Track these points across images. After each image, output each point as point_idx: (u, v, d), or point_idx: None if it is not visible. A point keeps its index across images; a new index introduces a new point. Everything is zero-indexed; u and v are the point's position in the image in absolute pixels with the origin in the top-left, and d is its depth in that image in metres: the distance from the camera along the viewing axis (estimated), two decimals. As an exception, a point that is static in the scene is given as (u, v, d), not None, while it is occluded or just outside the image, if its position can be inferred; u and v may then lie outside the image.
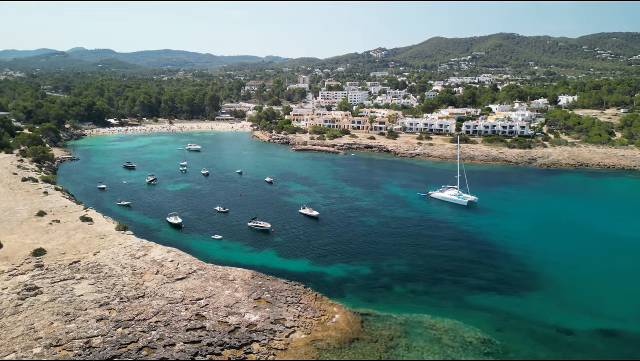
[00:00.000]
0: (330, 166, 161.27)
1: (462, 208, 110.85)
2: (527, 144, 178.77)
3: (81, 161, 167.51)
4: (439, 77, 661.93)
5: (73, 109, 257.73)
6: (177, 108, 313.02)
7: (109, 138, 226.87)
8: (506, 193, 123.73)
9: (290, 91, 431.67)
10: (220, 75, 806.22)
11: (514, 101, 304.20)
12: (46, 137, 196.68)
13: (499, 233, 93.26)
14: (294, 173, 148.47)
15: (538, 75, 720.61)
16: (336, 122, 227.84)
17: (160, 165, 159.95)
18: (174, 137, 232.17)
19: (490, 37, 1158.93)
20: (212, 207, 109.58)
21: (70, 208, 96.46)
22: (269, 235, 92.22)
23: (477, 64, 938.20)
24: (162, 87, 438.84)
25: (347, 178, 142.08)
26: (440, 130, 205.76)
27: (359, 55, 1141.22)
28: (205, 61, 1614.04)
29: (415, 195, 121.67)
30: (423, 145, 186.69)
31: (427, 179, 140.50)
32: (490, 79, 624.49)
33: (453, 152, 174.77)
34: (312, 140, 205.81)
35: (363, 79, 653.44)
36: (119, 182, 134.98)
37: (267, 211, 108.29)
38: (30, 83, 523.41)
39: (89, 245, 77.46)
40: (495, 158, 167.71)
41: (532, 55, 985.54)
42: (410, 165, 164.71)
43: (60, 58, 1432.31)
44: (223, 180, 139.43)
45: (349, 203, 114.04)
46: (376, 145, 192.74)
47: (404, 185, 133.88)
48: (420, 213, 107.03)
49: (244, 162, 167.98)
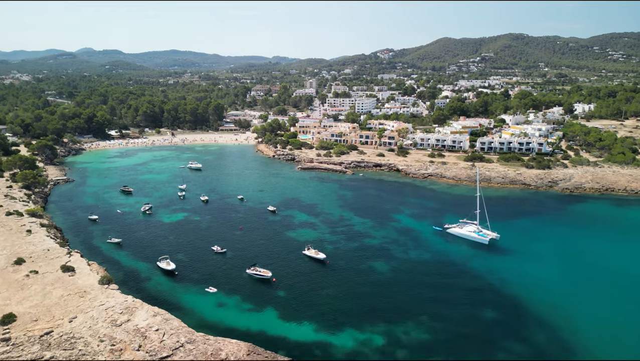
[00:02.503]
0: (337, 189, 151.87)
1: (482, 247, 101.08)
2: (546, 164, 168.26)
3: (76, 183, 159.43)
4: (447, 80, 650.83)
5: (73, 121, 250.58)
6: (181, 119, 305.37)
7: (108, 153, 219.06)
8: (529, 228, 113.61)
9: (296, 98, 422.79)
10: (227, 78, 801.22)
11: (528, 111, 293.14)
12: (42, 154, 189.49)
13: (527, 285, 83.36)
14: (298, 200, 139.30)
15: (549, 77, 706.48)
16: (343, 136, 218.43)
17: (158, 189, 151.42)
18: (175, 152, 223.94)
19: (499, 37, 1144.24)
20: (210, 245, 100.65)
21: (53, 253, 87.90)
22: (270, 285, 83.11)
23: (486, 65, 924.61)
24: (167, 94, 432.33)
25: (355, 206, 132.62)
26: (453, 147, 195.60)
27: (366, 56, 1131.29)
28: (212, 62, 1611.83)
29: (429, 230, 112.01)
30: (435, 164, 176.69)
31: (441, 207, 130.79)
32: (501, 82, 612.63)
33: (468, 173, 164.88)
34: (318, 156, 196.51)
35: (370, 82, 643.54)
36: (113, 211, 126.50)
37: (269, 250, 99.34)
38: (35, 88, 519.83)
39: (66, 307, 68.77)
40: (513, 180, 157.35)
41: (542, 57, 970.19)
42: (422, 188, 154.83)
43: (68, 59, 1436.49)
44: (223, 208, 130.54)
45: (358, 241, 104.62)
46: (386, 164, 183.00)
47: (417, 215, 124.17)
48: (437, 255, 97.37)
49: (247, 184, 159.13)
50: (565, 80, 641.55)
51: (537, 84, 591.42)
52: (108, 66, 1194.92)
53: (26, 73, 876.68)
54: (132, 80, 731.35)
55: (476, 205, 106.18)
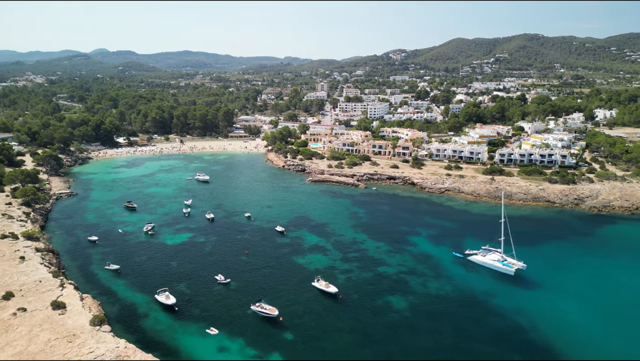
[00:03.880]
0: (349, 206, 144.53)
1: (508, 279, 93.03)
2: (570, 178, 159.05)
3: (79, 197, 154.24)
4: (461, 82, 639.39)
5: (80, 129, 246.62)
6: (190, 125, 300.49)
7: (115, 162, 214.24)
8: (557, 255, 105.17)
9: (307, 102, 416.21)
10: (238, 80, 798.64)
11: (547, 118, 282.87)
12: (47, 165, 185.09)
13: (559, 329, 75.30)
14: (308, 218, 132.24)
15: (565, 79, 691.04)
16: (356, 145, 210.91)
17: (163, 205, 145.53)
18: (183, 161, 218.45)
19: (513, 38, 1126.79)
20: (213, 274, 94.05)
21: (45, 285, 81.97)
22: (277, 325, 76.14)
23: (500, 66, 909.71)
24: (177, 98, 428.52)
25: (368, 226, 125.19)
26: (471, 158, 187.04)
27: (378, 57, 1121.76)
28: (224, 62, 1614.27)
29: (449, 257, 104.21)
30: (452, 178, 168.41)
31: (460, 229, 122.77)
32: (516, 84, 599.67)
33: (487, 188, 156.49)
34: (329, 168, 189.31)
35: (382, 84, 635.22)
36: (114, 231, 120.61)
37: (276, 279, 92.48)
38: (47, 92, 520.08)
39: (52, 355, 62.55)
40: (536, 197, 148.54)
41: (558, 57, 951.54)
42: (439, 205, 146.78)
43: (83, 60, 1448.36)
44: (229, 228, 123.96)
45: (373, 270, 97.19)
46: (400, 176, 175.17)
47: (435, 238, 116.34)
48: (459, 288, 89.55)
49: (255, 199, 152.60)
50: (582, 82, 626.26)
51: (554, 86, 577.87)
52: (121, 67, 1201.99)
53: (40, 74, 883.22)
54: (144, 83, 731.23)
55: (500, 231, 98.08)
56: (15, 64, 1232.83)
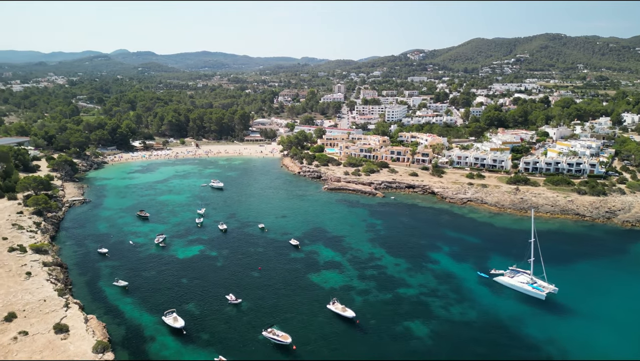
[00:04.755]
0: (366, 217, 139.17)
1: (538, 304, 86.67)
2: (600, 189, 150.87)
3: (92, 204, 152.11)
4: (481, 83, 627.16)
5: (97, 133, 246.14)
6: (206, 128, 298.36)
7: (130, 167, 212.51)
8: (590, 276, 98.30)
9: (324, 104, 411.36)
10: (255, 81, 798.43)
11: (572, 122, 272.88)
12: (62, 170, 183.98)
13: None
14: (323, 230, 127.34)
15: (589, 80, 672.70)
16: (373, 152, 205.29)
17: (176, 213, 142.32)
18: (198, 166, 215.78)
19: (534, 38, 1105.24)
20: (224, 292, 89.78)
21: (49, 305, 78.74)
22: (289, 353, 71.45)
23: (521, 67, 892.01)
24: (194, 100, 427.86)
25: (387, 240, 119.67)
26: (494, 166, 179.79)
27: (395, 57, 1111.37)
28: (242, 63, 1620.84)
29: (473, 276, 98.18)
30: (475, 187, 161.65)
31: (484, 244, 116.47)
32: (537, 86, 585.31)
33: (512, 199, 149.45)
34: (346, 175, 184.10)
35: (400, 85, 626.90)
36: (125, 242, 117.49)
37: (289, 300, 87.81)
38: (67, 93, 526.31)
39: (51, 388, 59.03)
40: (564, 209, 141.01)
41: (581, 58, 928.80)
42: (460, 217, 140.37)
43: (103, 61, 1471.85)
44: (242, 240, 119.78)
45: (392, 290, 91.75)
46: (419, 185, 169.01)
47: (457, 254, 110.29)
48: (485, 313, 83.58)
49: (269, 208, 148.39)
50: (606, 84, 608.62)
51: (578, 88, 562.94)
52: (140, 68, 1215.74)
53: (62, 75, 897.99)
54: (162, 84, 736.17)
55: (529, 251, 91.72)
56: (39, 65, 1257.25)
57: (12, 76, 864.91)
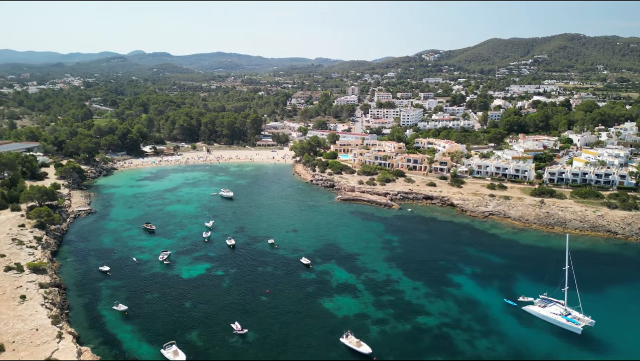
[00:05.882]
0: (382, 232, 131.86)
1: (573, 339, 78.63)
2: (632, 203, 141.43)
3: (98, 215, 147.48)
4: (498, 85, 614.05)
5: (107, 138, 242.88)
6: (218, 132, 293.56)
7: (139, 174, 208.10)
8: (629, 304, 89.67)
9: (337, 107, 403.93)
10: (268, 83, 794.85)
11: (596, 128, 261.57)
12: (69, 178, 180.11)
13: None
14: (336, 246, 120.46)
15: (610, 82, 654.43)
16: (388, 159, 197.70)
17: (183, 226, 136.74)
18: (208, 173, 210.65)
19: (552, 38, 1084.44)
20: (230, 319, 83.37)
21: (41, 336, 73.16)
22: (299, 396, 64.79)
23: (539, 68, 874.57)
24: (207, 103, 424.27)
25: (404, 259, 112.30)
26: (517, 176, 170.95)
27: (410, 58, 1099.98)
28: (256, 64, 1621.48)
29: (499, 303, 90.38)
30: (497, 199, 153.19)
31: (510, 265, 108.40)
32: (557, 88, 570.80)
33: (537, 213, 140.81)
34: (360, 184, 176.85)
35: (415, 87, 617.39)
36: (128, 259, 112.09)
37: (299, 330, 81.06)
38: (81, 95, 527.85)
39: None
40: (594, 225, 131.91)
41: (601, 59, 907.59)
42: (482, 233, 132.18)
43: (120, 62, 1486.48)
44: (251, 258, 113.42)
45: (411, 320, 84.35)
46: (438, 196, 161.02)
47: (481, 277, 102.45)
48: (514, 349, 75.74)
49: (280, 221, 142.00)
50: (628, 85, 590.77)
51: (599, 90, 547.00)
52: (156, 69, 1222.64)
53: (78, 76, 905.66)
54: (176, 85, 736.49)
55: (564, 279, 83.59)
56: (56, 66, 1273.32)
57: (29, 77, 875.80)
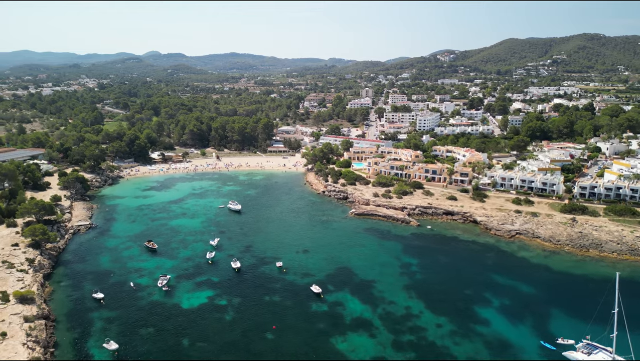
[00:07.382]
0: (400, 254, 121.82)
1: (624, 396, 68.19)
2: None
3: (99, 230, 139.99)
4: (515, 86, 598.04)
5: (114, 145, 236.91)
6: (228, 137, 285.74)
7: (145, 183, 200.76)
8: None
9: (351, 110, 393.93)
10: (281, 84, 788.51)
11: (624, 135, 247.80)
12: (72, 188, 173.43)
13: None
14: (350, 271, 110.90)
15: (632, 83, 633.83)
16: (405, 169, 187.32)
17: (186, 245, 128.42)
18: (217, 182, 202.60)
19: (571, 38, 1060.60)
20: (231, 363, 74.64)
21: (18, 385, 65.14)
22: None
23: (557, 69, 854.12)
24: (218, 107, 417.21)
25: (425, 287, 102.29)
26: (544, 190, 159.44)
27: (425, 59, 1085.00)
28: (270, 64, 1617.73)
29: (535, 346, 79.90)
30: (523, 215, 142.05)
31: (543, 297, 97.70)
32: (577, 89, 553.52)
33: (569, 233, 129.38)
34: (375, 197, 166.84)
35: (431, 89, 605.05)
36: (126, 284, 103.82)
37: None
38: (94, 98, 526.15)
39: None
40: (632, 248, 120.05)
41: (621, 59, 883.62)
42: (510, 255, 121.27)
43: (135, 63, 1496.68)
44: (257, 284, 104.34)
45: (434, 366, 74.63)
46: (459, 212, 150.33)
47: (511, 311, 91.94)
48: (556, 409, 65.69)
49: (289, 239, 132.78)
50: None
51: (621, 92, 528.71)
52: (170, 70, 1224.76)
53: (94, 77, 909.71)
54: (189, 87, 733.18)
55: (613, 324, 72.83)
56: (73, 67, 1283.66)
57: (46, 78, 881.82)
